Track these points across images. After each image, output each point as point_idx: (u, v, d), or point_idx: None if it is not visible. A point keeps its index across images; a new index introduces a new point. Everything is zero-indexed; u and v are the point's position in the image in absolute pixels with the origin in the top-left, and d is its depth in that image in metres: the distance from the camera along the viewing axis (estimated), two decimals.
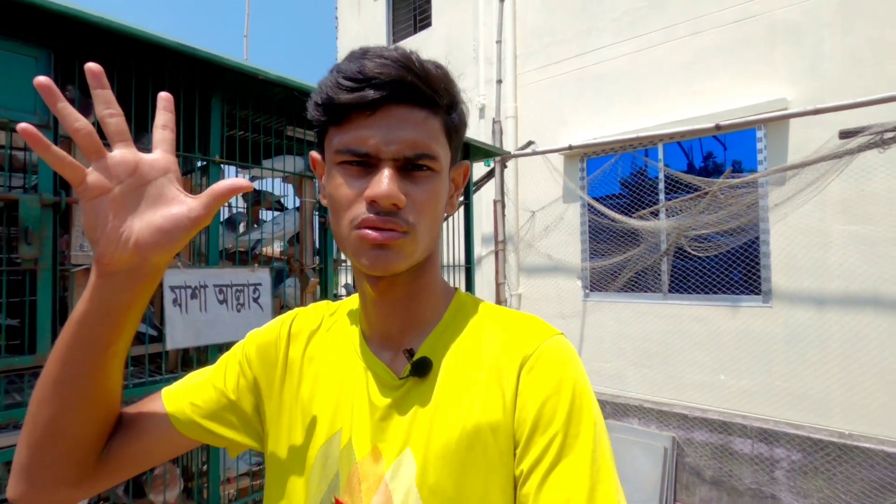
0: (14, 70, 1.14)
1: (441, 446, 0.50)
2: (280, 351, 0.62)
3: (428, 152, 0.50)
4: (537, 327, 0.54)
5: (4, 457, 1.09)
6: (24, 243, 1.12)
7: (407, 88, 0.48)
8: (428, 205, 0.51)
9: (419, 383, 0.54)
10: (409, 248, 0.50)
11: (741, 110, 3.68)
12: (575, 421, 0.48)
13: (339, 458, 0.55)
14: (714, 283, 3.92)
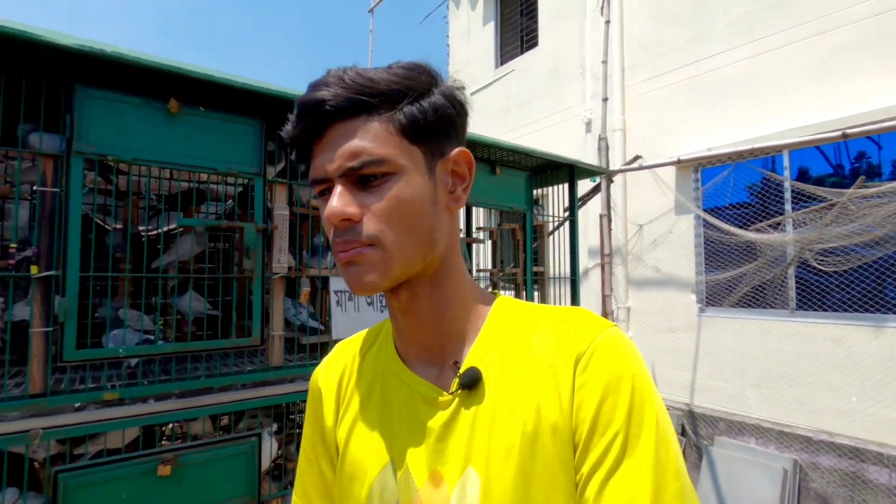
0: (238, 136, 1.62)
1: (503, 459, 0.48)
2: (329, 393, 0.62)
3: (370, 157, 0.47)
4: (589, 321, 0.51)
5: (240, 406, 1.56)
6: (246, 258, 1.58)
7: (337, 104, 0.47)
8: (390, 210, 0.48)
9: (470, 396, 0.51)
10: (378, 259, 0.48)
11: (882, 111, 3.37)
12: (636, 420, 0.45)
13: (396, 488, 0.53)
14: (853, 300, 3.58)
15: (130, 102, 1.42)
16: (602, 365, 0.47)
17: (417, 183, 0.50)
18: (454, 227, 0.56)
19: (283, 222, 1.66)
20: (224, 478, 1.51)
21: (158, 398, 1.46)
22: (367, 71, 0.49)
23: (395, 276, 0.49)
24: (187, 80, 1.43)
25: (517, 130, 6.46)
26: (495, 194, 2.30)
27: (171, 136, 1.47)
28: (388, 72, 0.49)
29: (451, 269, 0.54)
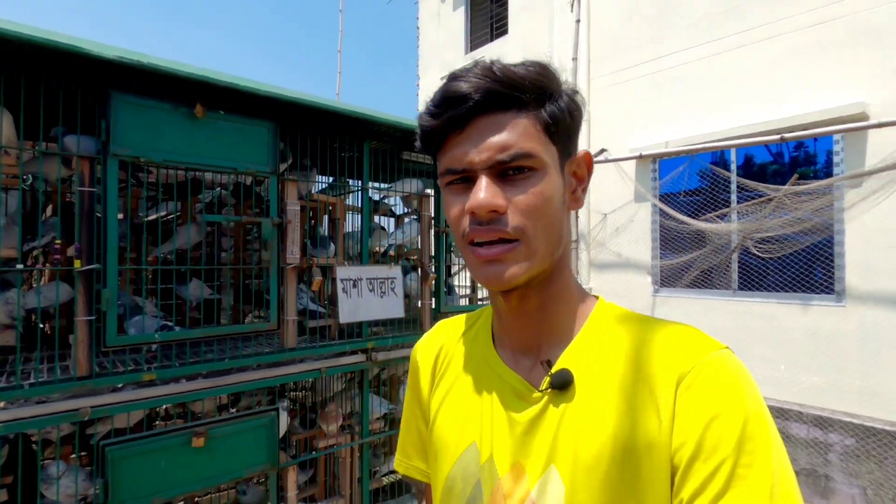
0: (253, 137, 1.75)
1: (590, 465, 0.47)
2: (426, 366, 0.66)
3: (521, 151, 0.48)
4: (697, 340, 0.48)
5: (260, 384, 1.73)
6: (263, 250, 1.73)
7: (487, 96, 0.48)
8: (534, 206, 0.49)
9: (559, 396, 0.51)
10: (521, 256, 0.49)
11: (817, 114, 3.78)
12: (748, 449, 0.42)
13: (479, 472, 0.54)
14: (785, 282, 4.05)
15: (160, 108, 1.52)
16: (709, 387, 0.45)
17: (555, 181, 0.51)
18: (570, 228, 0.57)
19: (295, 217, 1.81)
20: (248, 448, 1.69)
21: (189, 378, 1.61)
22: (511, 66, 0.50)
23: (531, 273, 0.50)
24: (209, 87, 1.55)
25: None
26: None
27: (195, 139, 1.59)
28: (527, 69, 0.50)
29: (563, 268, 0.55)
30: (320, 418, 2.04)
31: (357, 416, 2.19)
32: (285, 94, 1.68)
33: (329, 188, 2.42)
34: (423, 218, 2.30)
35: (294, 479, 1.84)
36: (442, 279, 2.31)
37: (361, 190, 2.06)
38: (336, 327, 2.16)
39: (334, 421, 2.06)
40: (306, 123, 1.93)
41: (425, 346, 0.68)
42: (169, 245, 2.19)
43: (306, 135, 1.93)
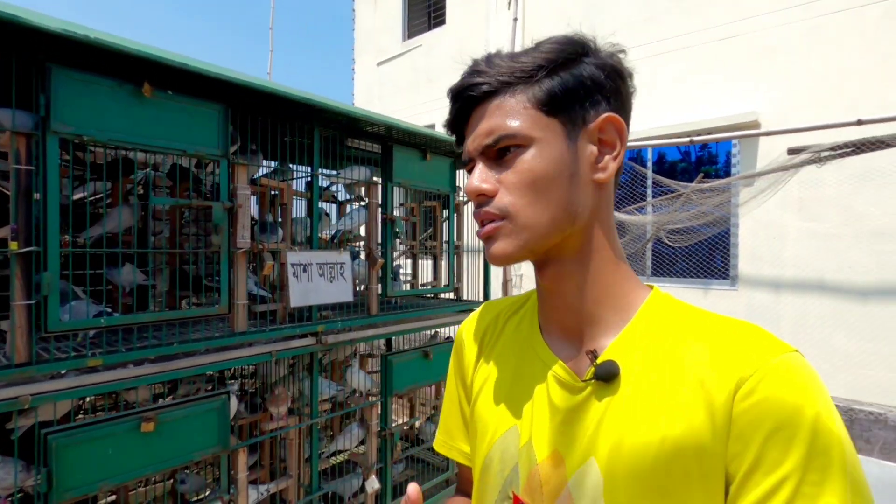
0: (205, 120, 1.72)
1: (633, 463, 0.46)
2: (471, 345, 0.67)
3: (503, 133, 0.50)
4: (761, 341, 0.45)
5: (211, 368, 1.73)
6: (214, 234, 1.72)
7: (476, 88, 0.52)
8: (521, 182, 0.50)
9: (604, 388, 0.50)
10: (508, 233, 0.50)
11: (719, 119, 4.25)
12: (817, 465, 0.39)
13: (517, 454, 0.54)
14: (690, 268, 4.56)
15: (104, 84, 1.46)
16: (773, 393, 0.41)
17: (551, 154, 0.50)
18: (602, 201, 0.54)
19: (246, 201, 1.81)
20: (199, 431, 1.69)
21: (136, 364, 1.58)
22: (515, 54, 0.52)
23: (530, 248, 0.51)
24: (158, 66, 1.51)
25: (426, 105, 6.71)
26: (426, 177, 2.60)
27: (142, 118, 1.54)
28: (535, 50, 0.52)
29: (599, 247, 0.53)
30: (269, 402, 2.07)
31: (304, 398, 2.23)
32: (237, 77, 1.67)
33: (274, 173, 2.40)
34: (371, 205, 2.36)
35: (244, 462, 1.86)
36: (389, 265, 2.39)
37: (312, 176, 2.08)
38: (283, 312, 2.18)
39: (283, 403, 2.09)
40: (255, 107, 1.92)
41: (472, 326, 0.68)
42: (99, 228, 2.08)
43: (256, 119, 1.92)
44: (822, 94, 3.84)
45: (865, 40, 3.70)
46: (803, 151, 2.92)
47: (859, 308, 3.66)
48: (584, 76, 0.51)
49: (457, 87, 0.54)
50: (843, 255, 3.73)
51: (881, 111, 3.19)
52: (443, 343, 2.79)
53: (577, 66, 0.52)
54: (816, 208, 3.85)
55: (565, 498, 0.50)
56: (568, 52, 0.52)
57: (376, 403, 2.39)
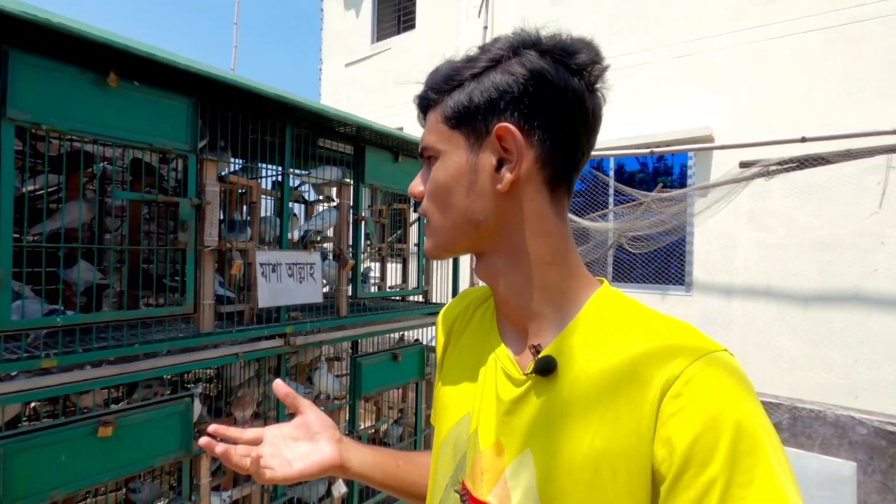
0: (173, 113, 1.67)
1: (564, 458, 0.47)
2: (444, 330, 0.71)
3: (423, 144, 0.57)
4: (690, 339, 0.45)
5: (174, 370, 1.66)
6: (181, 231, 1.67)
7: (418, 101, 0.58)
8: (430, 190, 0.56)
9: (543, 383, 0.51)
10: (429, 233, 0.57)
11: (676, 133, 4.46)
12: (743, 466, 0.39)
13: (467, 441, 0.57)
14: (649, 274, 4.74)
15: (66, 72, 1.39)
16: (699, 395, 0.41)
17: (451, 166, 0.54)
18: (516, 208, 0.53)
19: (214, 198, 1.76)
20: (161, 436, 1.62)
21: (94, 365, 1.50)
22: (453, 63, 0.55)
23: (443, 247, 0.57)
24: (124, 55, 1.45)
25: (394, 108, 6.71)
26: (398, 179, 2.60)
27: (107, 109, 1.48)
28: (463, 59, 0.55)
29: (527, 250, 0.53)
30: (235, 405, 2.01)
31: (270, 402, 2.18)
32: (208, 70, 1.63)
33: (242, 171, 2.35)
34: (343, 206, 2.35)
35: (207, 467, 1.80)
36: (359, 266, 2.37)
37: (283, 174, 2.05)
38: (250, 313, 2.13)
39: (249, 406, 2.04)
40: (225, 102, 1.87)
41: (447, 312, 0.72)
42: (52, 222, 1.97)
43: (226, 114, 1.87)
44: (769, 113, 4.10)
45: (808, 65, 3.97)
46: (754, 165, 3.11)
47: (801, 313, 3.91)
48: (492, 86, 0.51)
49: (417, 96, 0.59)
50: (788, 263, 3.97)
51: (821, 130, 3.43)
52: (411, 346, 2.79)
53: (489, 74, 0.51)
54: (765, 219, 4.09)
55: (502, 486, 0.51)
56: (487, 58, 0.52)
57: (344, 406, 2.37)
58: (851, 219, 3.70)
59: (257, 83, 1.78)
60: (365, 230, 2.39)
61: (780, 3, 4.13)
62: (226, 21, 57.32)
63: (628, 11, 4.93)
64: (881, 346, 3.56)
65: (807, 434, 3.02)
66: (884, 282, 3.57)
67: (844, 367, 3.66)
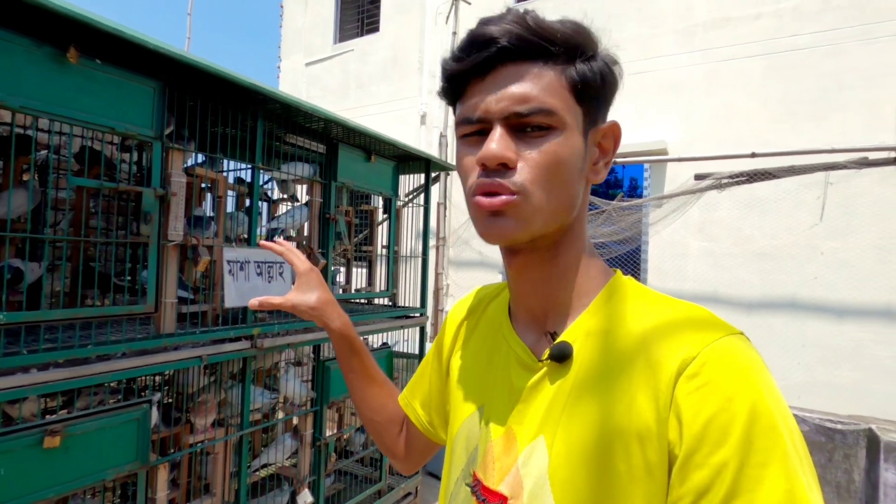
0: (138, 97, 1.55)
1: (577, 442, 0.46)
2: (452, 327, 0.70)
3: (540, 106, 0.46)
4: (706, 322, 0.46)
5: (131, 374, 1.53)
6: (143, 223, 1.55)
7: (514, 43, 0.46)
8: (544, 164, 0.47)
9: (558, 369, 0.51)
10: (522, 212, 0.47)
11: (634, 145, 4.65)
12: (759, 447, 0.38)
13: (479, 432, 0.56)
14: None
15: (18, 42, 1.26)
16: (715, 376, 0.41)
17: (574, 144, 0.48)
18: (587, 200, 0.54)
19: (180, 189, 1.65)
20: (114, 445, 1.48)
21: (40, 368, 1.36)
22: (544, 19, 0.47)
23: (533, 232, 0.49)
24: (86, 28, 1.34)
25: (355, 111, 6.61)
26: (370, 179, 2.55)
27: (65, 87, 1.35)
28: (562, 24, 0.48)
29: (574, 239, 0.53)
30: (196, 412, 1.88)
31: (231, 408, 2.06)
32: (180, 53, 1.53)
33: (205, 163, 2.22)
34: (314, 204, 2.27)
35: (165, 479, 1.67)
36: (330, 267, 2.30)
37: (252, 168, 1.96)
38: (213, 313, 2.01)
39: (211, 413, 1.91)
40: (193, 89, 1.76)
41: (458, 308, 0.71)
42: None
43: (194, 102, 1.76)
44: (717, 129, 4.36)
45: (752, 86, 4.27)
46: (707, 178, 3.29)
47: (745, 319, 4.15)
48: (605, 74, 0.50)
49: (486, 32, 0.46)
50: (734, 271, 4.22)
51: (763, 147, 3.68)
52: (379, 349, 2.73)
53: (598, 60, 0.50)
54: (713, 230, 4.33)
55: (514, 475, 0.50)
56: (593, 42, 0.50)
57: (311, 412, 2.27)
58: (790, 230, 3.99)
59: (233, 72, 1.69)
60: (336, 230, 2.32)
61: (726, 29, 4.42)
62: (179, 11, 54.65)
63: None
64: (816, 349, 3.84)
65: None
66: (818, 289, 3.86)
67: (784, 370, 3.92)
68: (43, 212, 2.22)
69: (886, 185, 3.44)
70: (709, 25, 4.50)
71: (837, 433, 2.77)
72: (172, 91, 1.65)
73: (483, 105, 0.47)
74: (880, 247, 3.66)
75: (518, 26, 0.46)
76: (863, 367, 3.71)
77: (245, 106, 1.94)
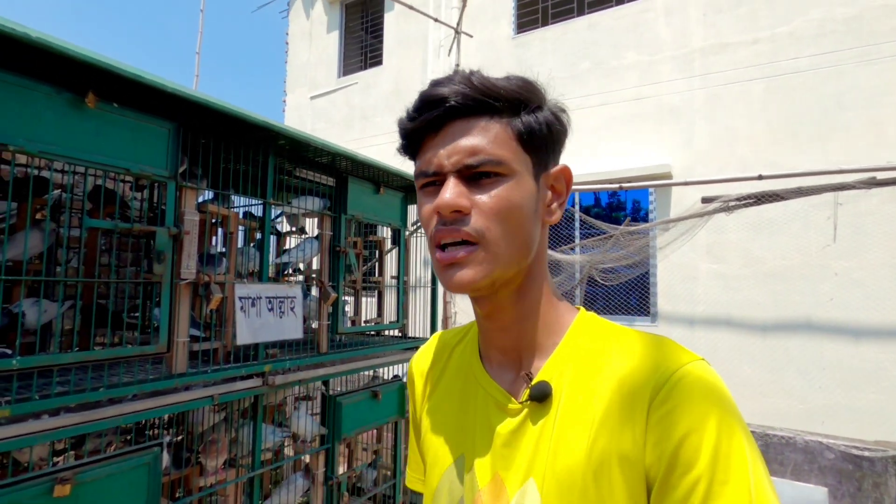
0: (153, 138, 1.57)
1: (566, 478, 0.47)
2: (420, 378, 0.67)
3: (489, 157, 0.49)
4: (671, 351, 0.48)
5: (144, 416, 1.50)
6: (156, 262, 1.54)
7: (461, 101, 0.49)
8: (497, 209, 0.49)
9: (539, 409, 0.51)
10: (481, 260, 0.49)
11: (637, 170, 4.68)
12: (722, 465, 0.42)
13: (462, 484, 0.55)
14: (617, 305, 4.84)
15: (39, 90, 1.28)
16: (683, 399, 0.44)
17: (526, 188, 0.51)
18: (545, 241, 0.57)
19: (193, 227, 1.65)
20: (124, 492, 1.44)
21: (52, 413, 1.33)
22: (490, 77, 0.51)
23: (493, 278, 0.50)
24: (105, 74, 1.37)
25: (360, 142, 6.70)
26: (379, 211, 2.56)
27: (82, 131, 1.37)
28: (507, 81, 0.52)
29: (537, 280, 0.55)
30: (207, 454, 1.83)
31: (241, 448, 2.01)
32: (195, 95, 1.56)
33: (215, 199, 2.24)
34: (324, 237, 2.27)
35: None
36: (341, 300, 2.28)
37: (264, 204, 1.96)
38: (223, 351, 1.98)
39: (222, 454, 1.87)
40: (206, 128, 1.79)
41: (420, 358, 0.69)
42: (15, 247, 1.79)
43: (208, 140, 1.79)
44: (720, 152, 4.39)
45: (752, 109, 4.31)
46: (715, 200, 3.29)
47: (760, 341, 4.08)
48: (551, 123, 0.53)
49: (436, 93, 0.50)
50: (745, 293, 4.17)
51: (766, 169, 3.69)
52: (391, 382, 2.68)
53: (544, 111, 0.53)
54: (721, 252, 4.30)
55: None
56: (538, 95, 0.54)
57: (323, 450, 2.22)
58: (800, 251, 3.95)
59: (245, 111, 1.72)
60: (346, 262, 2.31)
61: (724, 54, 4.49)
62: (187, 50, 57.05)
63: (584, 57, 5.22)
64: (835, 372, 3.75)
65: (779, 461, 3.11)
66: (833, 310, 3.80)
67: (804, 393, 3.83)
68: (55, 251, 2.23)
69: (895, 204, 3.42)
70: (707, 51, 4.58)
71: (865, 460, 2.68)
72: (186, 131, 1.68)
73: (436, 159, 0.50)
74: (893, 265, 3.62)
75: (464, 86, 0.50)
76: (883, 388, 3.62)
77: (257, 143, 1.97)
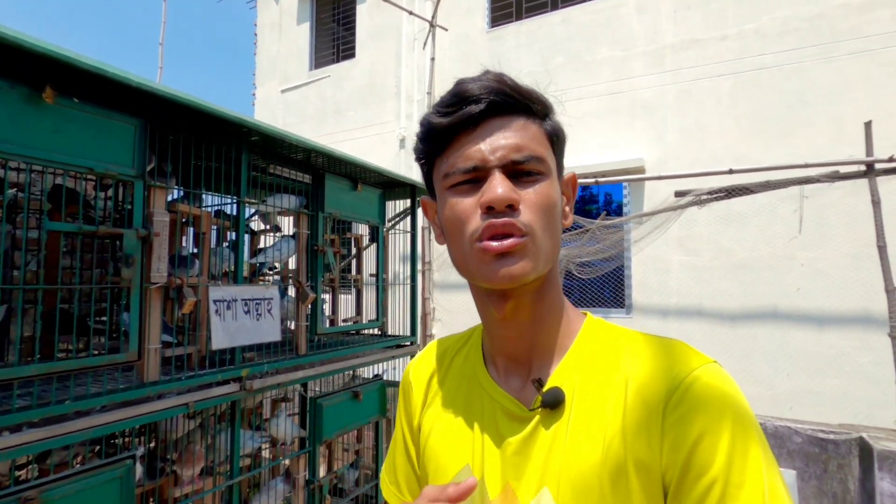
0: (119, 135, 1.49)
1: (582, 485, 0.46)
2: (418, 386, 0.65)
3: (534, 154, 0.49)
4: (685, 354, 0.48)
5: (114, 427, 1.42)
6: (125, 266, 1.47)
7: (503, 99, 0.50)
8: (542, 206, 0.49)
9: (551, 415, 0.50)
10: (531, 251, 0.48)
11: (611, 164, 4.74)
12: (737, 467, 0.42)
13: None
14: (592, 298, 4.91)
15: None
16: (697, 404, 0.44)
17: (557, 189, 0.53)
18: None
19: (163, 228, 1.58)
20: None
21: (13, 430, 1.25)
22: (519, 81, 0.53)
23: (539, 271, 0.50)
24: (64, 67, 1.28)
25: (333, 136, 6.58)
26: (357, 208, 2.51)
27: (40, 128, 1.28)
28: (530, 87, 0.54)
29: (555, 284, 0.55)
30: (183, 462, 1.77)
31: (217, 452, 1.95)
32: (164, 90, 1.48)
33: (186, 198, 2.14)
34: (301, 236, 2.21)
35: None
36: (319, 300, 2.23)
37: (238, 202, 1.89)
38: (198, 356, 1.91)
39: (198, 463, 1.80)
40: (175, 124, 1.71)
41: (418, 366, 0.67)
42: None
43: (178, 137, 1.71)
44: (691, 146, 4.48)
45: (721, 105, 4.42)
46: (688, 194, 3.36)
47: (730, 331, 4.21)
48: (560, 129, 0.55)
49: (473, 89, 0.50)
50: (716, 284, 4.29)
51: (735, 163, 3.79)
52: (371, 382, 2.65)
53: (553, 119, 0.55)
54: (693, 245, 4.41)
55: None
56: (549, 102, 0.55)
57: (304, 453, 2.17)
58: (767, 243, 4.08)
59: (216, 106, 1.64)
60: (324, 261, 2.25)
61: (694, 50, 4.58)
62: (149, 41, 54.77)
63: (558, 52, 5.25)
64: (799, 358, 3.91)
65: None
66: (798, 300, 3.95)
67: (770, 380, 3.97)
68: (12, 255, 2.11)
69: (856, 197, 3.57)
70: (678, 47, 4.66)
71: (830, 443, 2.79)
72: (154, 127, 1.59)
73: (479, 154, 0.49)
74: (854, 255, 3.77)
75: (501, 84, 0.51)
76: (845, 374, 3.79)
77: (229, 139, 1.89)
